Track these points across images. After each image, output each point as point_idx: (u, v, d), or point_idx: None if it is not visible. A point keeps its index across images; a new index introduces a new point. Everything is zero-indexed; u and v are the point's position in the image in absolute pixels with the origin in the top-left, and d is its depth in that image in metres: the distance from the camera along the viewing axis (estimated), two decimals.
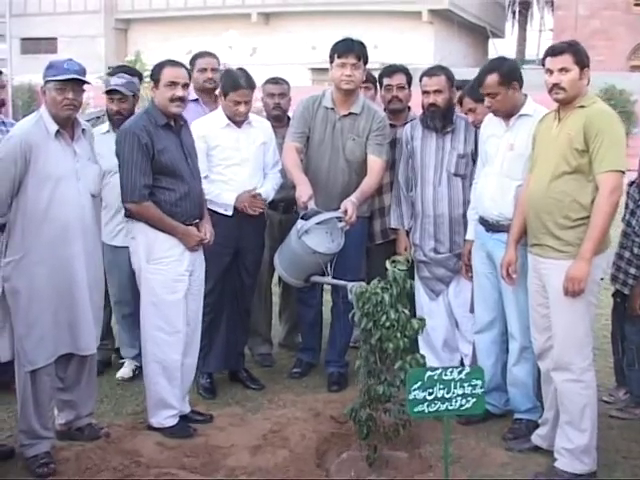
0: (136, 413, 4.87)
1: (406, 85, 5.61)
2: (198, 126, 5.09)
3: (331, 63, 5.16)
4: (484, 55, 31.62)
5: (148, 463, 4.17)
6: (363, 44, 5.18)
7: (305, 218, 4.77)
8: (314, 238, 4.78)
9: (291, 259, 4.91)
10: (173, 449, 4.38)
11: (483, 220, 4.66)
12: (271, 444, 4.44)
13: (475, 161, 5.01)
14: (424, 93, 5.17)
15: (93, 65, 27.23)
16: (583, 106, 3.97)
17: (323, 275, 4.77)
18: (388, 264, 4.01)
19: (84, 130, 4.31)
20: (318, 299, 5.68)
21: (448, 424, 3.73)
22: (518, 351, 4.57)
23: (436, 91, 5.11)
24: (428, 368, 3.83)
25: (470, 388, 3.68)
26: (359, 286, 4.03)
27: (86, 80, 4.13)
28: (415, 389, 3.63)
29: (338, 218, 4.84)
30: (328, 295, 5.77)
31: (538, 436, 4.40)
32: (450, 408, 3.67)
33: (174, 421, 4.62)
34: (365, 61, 5.16)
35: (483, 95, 4.55)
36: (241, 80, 5.00)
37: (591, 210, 3.88)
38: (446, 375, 3.66)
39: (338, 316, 5.42)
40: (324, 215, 4.79)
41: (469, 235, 4.95)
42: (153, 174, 4.48)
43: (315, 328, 5.76)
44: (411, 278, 4.20)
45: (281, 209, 5.71)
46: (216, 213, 5.01)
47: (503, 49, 30.11)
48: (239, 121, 5.12)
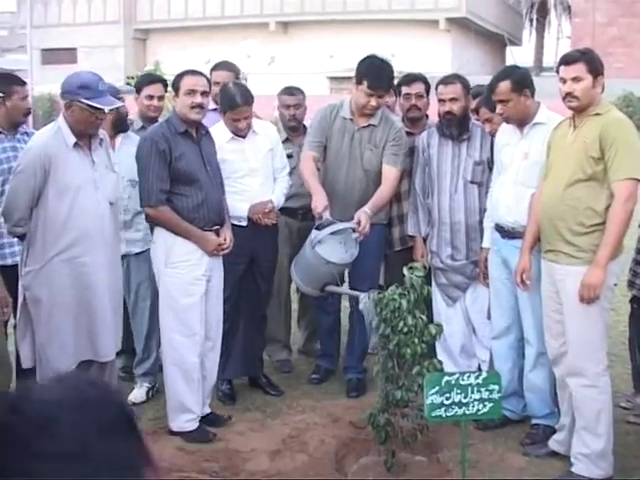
0: (157, 418, 4.93)
1: (425, 94, 5.64)
2: None
3: (357, 84, 5.13)
4: (502, 63, 31.57)
5: (169, 467, 4.22)
6: (392, 68, 5.21)
7: (319, 228, 4.83)
8: (327, 248, 4.83)
9: (306, 269, 4.97)
10: (193, 453, 4.44)
11: (499, 227, 4.70)
12: (290, 449, 4.49)
13: (491, 169, 5.05)
14: (440, 101, 5.21)
15: (113, 75, 27.43)
16: (599, 114, 4.00)
17: (338, 285, 4.83)
18: (405, 270, 4.06)
19: (101, 140, 4.39)
20: (336, 306, 5.72)
21: (465, 429, 3.77)
22: (534, 357, 4.59)
23: (452, 99, 5.15)
24: (445, 373, 3.88)
25: (487, 393, 3.72)
26: (370, 297, 4.08)
27: (119, 103, 4.25)
28: (432, 394, 3.67)
29: (352, 229, 4.89)
30: (346, 302, 5.81)
31: (555, 441, 4.42)
32: (467, 413, 3.71)
33: (194, 425, 4.67)
34: (391, 87, 5.22)
35: (495, 102, 4.59)
36: (237, 98, 4.98)
37: (605, 217, 3.92)
38: (463, 380, 3.70)
39: (356, 323, 5.45)
40: (337, 225, 4.83)
41: (485, 243, 4.98)
42: (171, 181, 4.57)
43: (333, 335, 5.80)
44: (428, 285, 4.24)
45: (300, 217, 5.77)
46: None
47: (521, 57, 30.06)
48: (242, 135, 5.14)
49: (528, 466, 4.32)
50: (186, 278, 4.61)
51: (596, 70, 4.02)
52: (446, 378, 3.71)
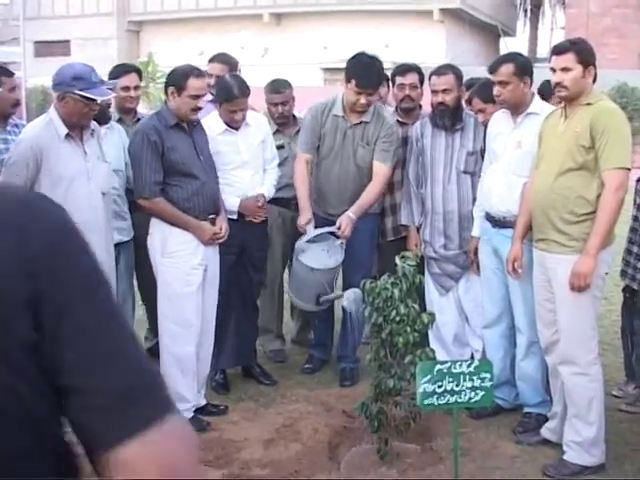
0: None
1: (418, 84, 5.63)
2: None
3: (346, 83, 5.15)
4: (496, 54, 31.50)
5: None
6: (381, 68, 5.21)
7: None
8: (311, 256, 4.93)
9: (296, 283, 5.08)
10: None
11: (489, 216, 4.72)
12: (284, 438, 4.52)
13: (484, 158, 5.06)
14: (433, 92, 5.22)
15: (106, 67, 27.37)
16: (590, 103, 4.01)
17: (329, 293, 4.94)
18: (398, 260, 4.08)
19: (93, 130, 4.40)
20: None
21: (457, 417, 3.79)
22: (526, 346, 4.62)
23: (445, 90, 5.16)
24: (437, 361, 3.90)
25: (479, 381, 3.74)
26: (354, 295, 4.15)
27: (112, 94, 4.30)
28: (425, 382, 3.69)
29: (334, 234, 4.97)
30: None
31: (547, 429, 4.45)
32: (459, 401, 3.72)
33: (189, 414, 4.69)
34: (380, 84, 5.21)
35: (494, 82, 4.59)
36: (234, 90, 4.99)
37: (596, 206, 3.94)
38: (455, 368, 3.71)
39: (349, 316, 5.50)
40: (317, 231, 4.95)
41: (475, 232, 4.99)
42: (165, 172, 4.59)
43: (327, 324, 5.82)
44: (421, 274, 4.26)
45: (293, 207, 5.77)
46: None
47: (515, 48, 30.03)
48: (236, 127, 5.15)
49: (520, 454, 4.34)
50: (183, 268, 4.64)
51: (586, 60, 4.02)
52: (438, 366, 3.72)
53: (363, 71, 5.08)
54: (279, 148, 5.58)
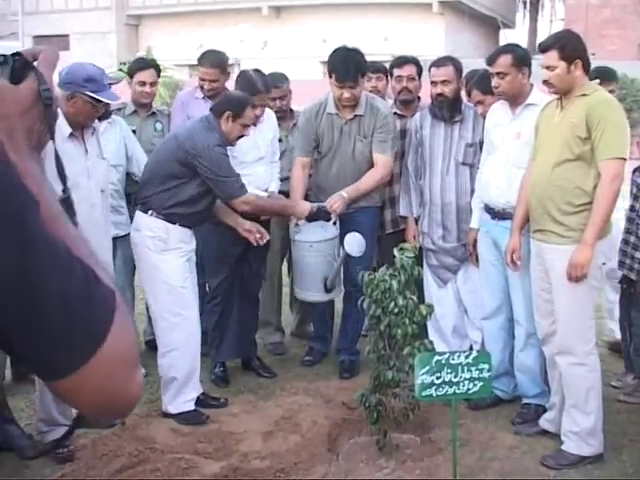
0: (150, 402, 4.95)
1: (416, 76, 5.64)
2: None
3: (329, 78, 5.20)
4: (495, 46, 31.35)
5: (162, 449, 4.27)
6: (360, 58, 5.17)
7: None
8: (306, 232, 5.02)
9: (300, 271, 5.09)
10: (187, 435, 4.47)
11: (488, 208, 4.72)
12: (283, 430, 4.53)
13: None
14: (432, 83, 5.22)
15: (105, 61, 27.32)
16: (585, 94, 4.01)
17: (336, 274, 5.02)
18: (396, 251, 4.09)
19: (94, 129, 4.41)
20: None
21: (455, 408, 3.80)
22: (524, 337, 4.63)
23: (444, 81, 5.16)
24: (436, 352, 3.90)
25: (477, 372, 3.74)
26: (355, 235, 4.76)
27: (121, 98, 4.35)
28: (423, 373, 3.69)
29: (327, 217, 5.10)
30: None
31: (546, 420, 4.46)
32: (458, 392, 3.73)
33: (191, 406, 4.72)
34: (363, 75, 5.20)
35: (492, 74, 4.59)
36: (258, 85, 5.05)
37: (593, 196, 3.94)
38: (453, 359, 3.72)
39: (350, 304, 5.50)
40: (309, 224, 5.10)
41: (474, 223, 5.00)
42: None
43: (326, 317, 5.83)
44: (419, 266, 4.26)
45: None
46: None
47: (514, 40, 29.96)
48: (254, 123, 5.17)
49: (519, 444, 4.35)
50: (182, 262, 4.66)
51: (570, 56, 4.00)
52: (436, 358, 3.72)
53: (340, 65, 5.09)
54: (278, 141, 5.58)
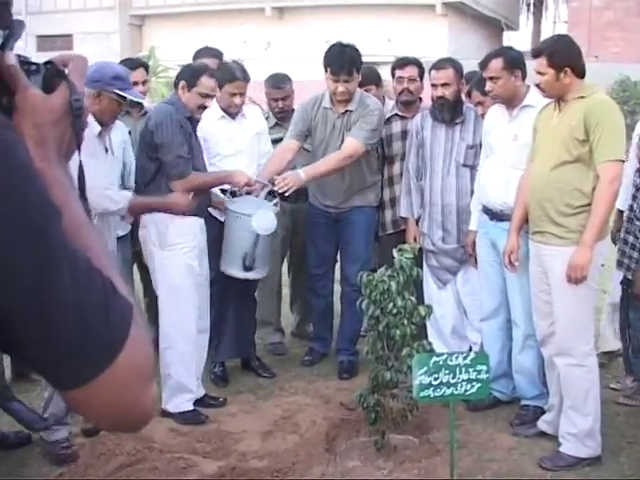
0: None
1: (418, 77, 5.63)
2: None
3: (325, 72, 5.26)
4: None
5: (161, 448, 4.28)
6: (356, 53, 5.23)
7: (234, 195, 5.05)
8: (240, 204, 4.94)
9: (225, 242, 5.00)
10: (186, 435, 4.48)
11: (487, 209, 4.72)
12: (282, 430, 4.54)
13: None
14: (432, 86, 5.22)
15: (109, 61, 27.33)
16: (583, 96, 4.01)
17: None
18: (395, 252, 4.09)
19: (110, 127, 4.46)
20: (328, 289, 5.78)
21: (453, 409, 3.80)
22: (522, 339, 4.63)
23: (444, 84, 5.16)
24: (434, 353, 3.91)
25: (475, 373, 3.74)
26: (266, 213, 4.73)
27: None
28: (421, 374, 3.69)
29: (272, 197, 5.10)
30: (338, 285, 5.84)
31: (544, 422, 4.46)
32: (455, 393, 3.73)
33: (190, 406, 4.73)
34: (358, 71, 5.25)
35: (485, 79, 4.60)
36: (237, 72, 5.10)
37: (592, 198, 3.94)
38: (451, 360, 3.72)
39: (348, 304, 5.53)
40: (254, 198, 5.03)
41: (472, 225, 4.99)
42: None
43: (326, 317, 5.84)
44: (420, 266, 4.26)
45: (292, 198, 5.80)
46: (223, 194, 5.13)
47: (517, 42, 29.98)
48: (233, 113, 5.20)
49: (517, 446, 4.35)
50: (183, 259, 4.66)
51: (558, 64, 3.99)
52: (434, 359, 3.73)
53: (334, 58, 5.18)
54: (278, 141, 5.59)
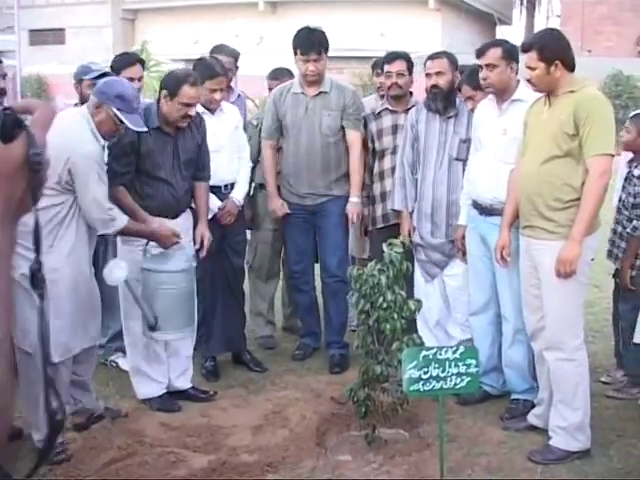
0: None
1: (406, 72, 5.63)
2: None
3: (295, 55, 5.44)
4: None
5: (152, 442, 4.28)
6: (323, 34, 5.46)
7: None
8: (155, 258, 4.55)
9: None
10: (176, 429, 4.48)
11: (476, 204, 4.72)
12: (272, 424, 4.54)
13: None
14: (427, 75, 5.24)
15: (101, 55, 27.23)
16: (573, 91, 4.01)
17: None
18: (385, 246, 4.10)
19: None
20: (311, 284, 5.82)
21: (443, 402, 3.81)
22: (512, 333, 4.64)
23: (438, 73, 5.17)
24: (423, 347, 3.92)
25: (465, 367, 3.75)
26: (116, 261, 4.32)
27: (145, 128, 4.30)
28: (411, 368, 3.70)
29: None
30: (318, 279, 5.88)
31: (534, 415, 4.47)
32: (445, 387, 3.74)
33: (159, 392, 4.82)
34: (326, 51, 5.43)
35: (481, 66, 4.60)
36: (217, 68, 5.12)
37: (582, 192, 3.94)
38: (441, 354, 3.73)
39: (330, 296, 5.65)
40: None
41: (462, 220, 4.98)
42: (136, 170, 4.62)
43: (312, 312, 5.87)
44: (410, 261, 4.25)
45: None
46: None
47: (511, 36, 29.99)
48: (214, 108, 5.20)
49: (507, 440, 4.36)
50: (137, 255, 4.62)
51: (548, 58, 3.99)
52: (424, 352, 3.73)
53: (303, 38, 5.42)
54: None
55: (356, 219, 5.49)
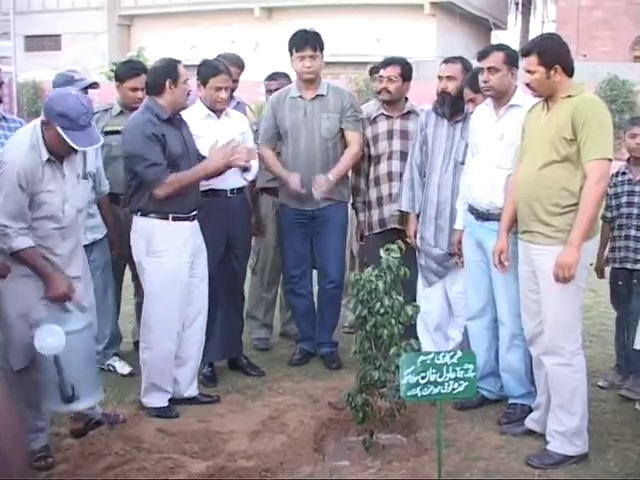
0: (138, 401, 4.95)
1: (398, 77, 5.59)
2: None
3: (291, 56, 5.52)
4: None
5: (149, 448, 4.27)
6: (318, 35, 5.56)
7: None
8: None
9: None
10: (174, 435, 4.47)
11: (473, 209, 4.72)
12: (270, 430, 4.54)
13: None
14: (439, 78, 5.24)
15: (97, 61, 27.27)
16: (570, 96, 4.01)
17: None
18: (382, 252, 4.10)
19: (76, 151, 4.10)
20: (309, 288, 5.83)
21: (440, 408, 3.81)
22: (509, 338, 4.64)
23: (448, 77, 5.15)
24: (421, 353, 3.91)
25: (462, 372, 3.74)
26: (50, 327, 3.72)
27: (98, 144, 4.08)
28: (408, 373, 3.69)
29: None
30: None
31: (532, 420, 4.47)
32: (443, 392, 3.73)
33: (163, 403, 4.82)
34: (321, 50, 5.51)
35: (482, 69, 4.62)
36: (220, 66, 5.12)
37: (580, 197, 3.95)
38: (438, 359, 3.72)
39: (328, 301, 5.68)
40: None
41: (458, 224, 4.97)
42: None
43: (309, 317, 5.86)
44: (407, 266, 4.23)
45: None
46: (208, 195, 5.08)
47: (506, 41, 30.00)
48: (219, 110, 5.17)
49: (504, 444, 4.35)
50: (168, 267, 4.66)
51: (548, 62, 4.01)
52: (421, 358, 3.73)
53: (298, 37, 5.55)
54: None
55: (318, 186, 5.33)
